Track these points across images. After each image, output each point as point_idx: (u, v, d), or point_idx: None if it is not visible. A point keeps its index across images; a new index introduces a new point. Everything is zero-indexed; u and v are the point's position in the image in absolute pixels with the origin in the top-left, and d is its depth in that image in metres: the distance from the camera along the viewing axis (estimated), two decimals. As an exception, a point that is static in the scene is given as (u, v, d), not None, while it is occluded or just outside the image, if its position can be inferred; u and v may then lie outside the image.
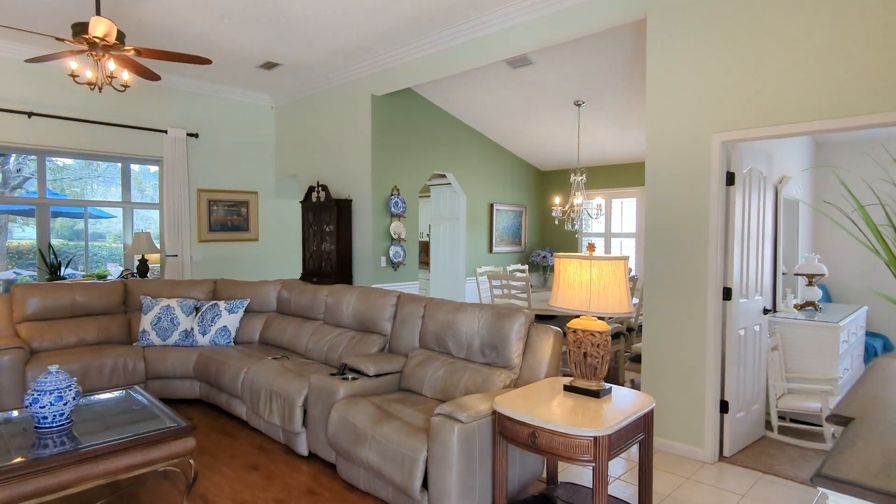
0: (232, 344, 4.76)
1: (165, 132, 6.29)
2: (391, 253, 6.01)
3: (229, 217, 6.96)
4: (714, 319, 3.39)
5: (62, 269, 6.93)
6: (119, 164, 6.58)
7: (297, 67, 5.96)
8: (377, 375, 3.40)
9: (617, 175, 7.60)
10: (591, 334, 2.53)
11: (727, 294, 3.45)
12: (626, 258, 2.53)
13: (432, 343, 3.52)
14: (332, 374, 3.44)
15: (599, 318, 2.58)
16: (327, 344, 4.16)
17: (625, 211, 7.48)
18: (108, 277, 7.33)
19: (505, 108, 6.41)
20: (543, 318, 5.67)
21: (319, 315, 4.56)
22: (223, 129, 6.88)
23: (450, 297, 7.46)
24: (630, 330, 5.41)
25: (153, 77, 4.17)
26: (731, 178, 3.43)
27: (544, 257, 7.89)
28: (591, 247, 2.59)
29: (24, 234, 6.94)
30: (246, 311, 5.08)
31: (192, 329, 4.78)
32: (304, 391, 3.46)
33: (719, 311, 3.41)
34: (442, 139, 6.71)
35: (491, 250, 7.56)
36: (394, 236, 6.02)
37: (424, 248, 9.10)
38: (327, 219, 6.08)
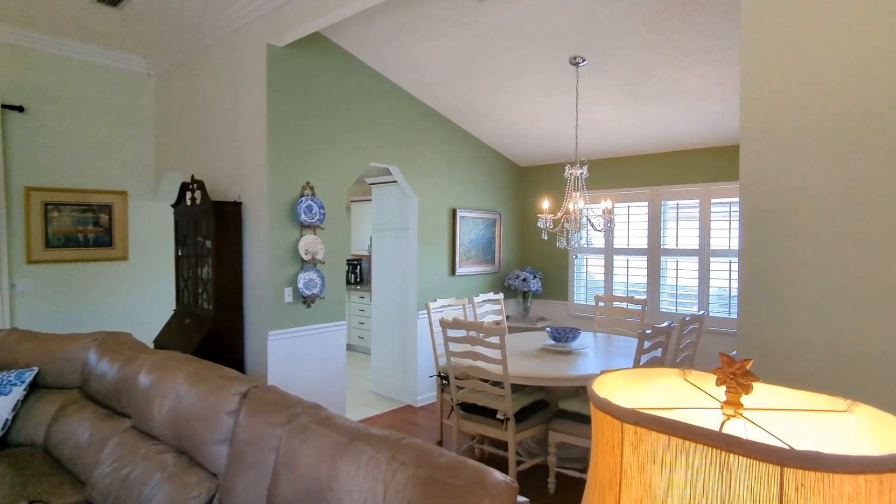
0: (-12, 453, 2.72)
1: (-38, 101, 4.21)
2: (301, 282, 4.04)
3: (81, 227, 4.88)
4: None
5: None
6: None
7: (157, 4, 3.95)
8: None
9: (624, 171, 5.76)
10: None
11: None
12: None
13: (289, 522, 1.58)
14: None
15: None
16: (120, 478, 2.16)
17: (633, 219, 5.62)
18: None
19: (467, 71, 4.52)
20: (522, 390, 3.75)
21: (129, 408, 2.56)
22: (71, 102, 4.81)
23: (397, 339, 5.48)
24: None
25: None
26: (942, 156, 1.58)
27: (524, 280, 6.00)
28: (740, 370, 0.68)
29: None
30: (36, 388, 3.05)
31: (-78, 426, 2.74)
32: None
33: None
34: (380, 119, 4.78)
35: (454, 272, 5.64)
36: (305, 257, 4.05)
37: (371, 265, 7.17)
38: (206, 231, 4.08)
